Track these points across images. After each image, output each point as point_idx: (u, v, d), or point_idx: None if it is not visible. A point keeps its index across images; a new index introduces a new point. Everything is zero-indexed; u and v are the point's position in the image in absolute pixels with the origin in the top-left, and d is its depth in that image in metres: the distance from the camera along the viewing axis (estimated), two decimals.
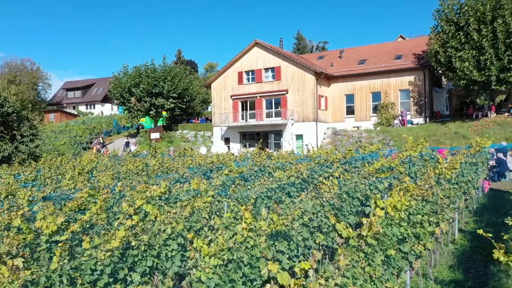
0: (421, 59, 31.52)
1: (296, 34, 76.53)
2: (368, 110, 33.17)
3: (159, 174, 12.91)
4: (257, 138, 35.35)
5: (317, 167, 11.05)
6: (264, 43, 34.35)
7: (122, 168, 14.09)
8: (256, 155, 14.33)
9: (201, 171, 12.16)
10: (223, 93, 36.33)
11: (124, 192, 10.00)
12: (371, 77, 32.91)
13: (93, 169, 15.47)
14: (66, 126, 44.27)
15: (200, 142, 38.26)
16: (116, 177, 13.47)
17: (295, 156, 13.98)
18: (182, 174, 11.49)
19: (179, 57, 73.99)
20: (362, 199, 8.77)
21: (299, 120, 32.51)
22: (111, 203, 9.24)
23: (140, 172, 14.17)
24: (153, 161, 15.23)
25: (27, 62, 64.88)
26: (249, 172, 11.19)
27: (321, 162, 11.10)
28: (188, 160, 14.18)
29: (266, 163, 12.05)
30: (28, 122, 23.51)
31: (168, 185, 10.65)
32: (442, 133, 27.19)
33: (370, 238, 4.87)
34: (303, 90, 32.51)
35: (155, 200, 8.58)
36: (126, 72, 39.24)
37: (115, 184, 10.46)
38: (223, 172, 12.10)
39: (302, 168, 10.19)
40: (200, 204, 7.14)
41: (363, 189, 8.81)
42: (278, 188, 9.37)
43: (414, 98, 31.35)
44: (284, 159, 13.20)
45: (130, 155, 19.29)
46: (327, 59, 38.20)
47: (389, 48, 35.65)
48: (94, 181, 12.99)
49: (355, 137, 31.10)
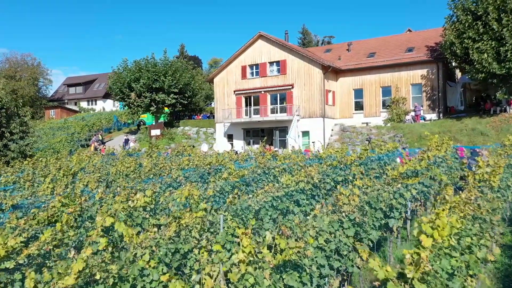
0: (434, 51, 29.88)
1: (301, 29, 74.84)
2: (378, 106, 31.60)
3: (151, 177, 11.54)
4: (262, 135, 33.96)
5: (329, 170, 9.62)
6: (269, 35, 32.83)
7: (112, 169, 12.74)
8: (260, 155, 12.92)
9: (197, 173, 10.77)
10: (226, 88, 34.89)
11: (106, 200, 8.65)
12: (381, 70, 31.31)
13: (81, 170, 14.14)
14: (65, 122, 43.04)
15: (202, 139, 36.90)
16: (104, 180, 12.14)
17: (303, 156, 12.55)
18: (176, 178, 10.12)
19: (182, 52, 72.52)
20: (386, 210, 7.35)
21: (306, 116, 31.03)
22: (88, 214, 7.89)
23: (131, 174, 12.82)
24: (146, 161, 13.86)
25: (27, 57, 63.77)
26: (251, 176, 9.79)
27: (334, 164, 9.66)
28: (184, 161, 12.80)
29: (271, 165, 10.63)
30: (19, 118, 22.22)
31: (157, 191, 9.27)
32: (458, 129, 25.60)
33: (417, 281, 3.45)
34: (309, 85, 31.00)
35: (138, 211, 7.22)
36: (126, 66, 37.88)
37: (101, 188, 9.09)
38: (222, 175, 10.73)
39: (313, 171, 8.77)
40: (189, 220, 5.76)
41: (387, 197, 7.37)
42: (285, 196, 7.96)
43: (426, 92, 29.74)
44: (291, 160, 11.78)
45: (124, 154, 17.93)
46: (334, 52, 36.61)
47: (400, 40, 34.00)
48: (79, 184, 11.64)
49: (364, 134, 29.61)
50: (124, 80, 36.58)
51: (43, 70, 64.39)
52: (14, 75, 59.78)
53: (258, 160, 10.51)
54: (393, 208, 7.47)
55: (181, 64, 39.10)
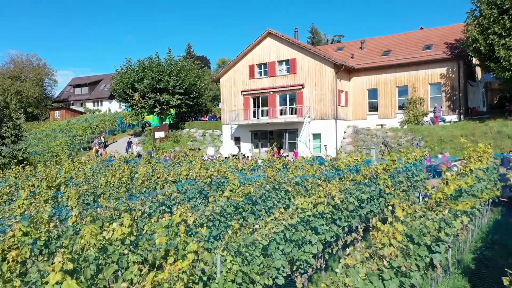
0: (454, 48, 28.03)
1: (311, 28, 73.15)
2: (394, 107, 29.82)
3: (144, 191, 10.02)
4: (270, 138, 32.38)
5: (352, 186, 8.01)
6: (278, 33, 31.22)
7: (102, 180, 11.25)
8: (269, 167, 11.34)
9: (196, 188, 9.23)
10: (233, 88, 33.35)
11: (81, 225, 7.15)
12: (397, 69, 29.54)
13: (70, 179, 12.69)
14: (67, 124, 41.81)
15: (208, 141, 35.41)
16: (92, 193, 10.65)
17: (318, 166, 10.91)
18: (170, 194, 8.58)
19: (189, 52, 71.22)
20: (430, 244, 5.73)
21: (317, 118, 29.36)
22: (54, 246, 6.39)
23: (123, 186, 11.32)
24: (142, 169, 12.35)
25: (33, 57, 62.94)
26: (258, 193, 8.22)
27: (358, 179, 8.04)
28: (183, 171, 11.26)
29: (282, 178, 9.05)
30: (11, 121, 20.89)
31: (144, 212, 7.75)
32: (481, 132, 23.75)
33: None
34: (321, 85, 29.33)
35: (114, 246, 5.69)
36: (130, 66, 36.53)
37: (77, 209, 7.57)
38: (224, 189, 9.18)
39: (333, 190, 7.17)
40: (174, 269, 4.20)
41: (432, 228, 5.75)
42: (301, 222, 6.38)
43: (446, 92, 27.90)
44: (304, 170, 10.17)
45: (119, 161, 16.44)
46: (346, 50, 34.90)
47: (417, 37, 32.16)
48: (62, 199, 10.19)
49: (379, 137, 27.87)
50: (128, 80, 35.23)
51: (49, 70, 63.52)
52: (19, 76, 58.95)
53: (266, 172, 8.91)
54: (439, 240, 5.85)
55: (186, 64, 37.63)
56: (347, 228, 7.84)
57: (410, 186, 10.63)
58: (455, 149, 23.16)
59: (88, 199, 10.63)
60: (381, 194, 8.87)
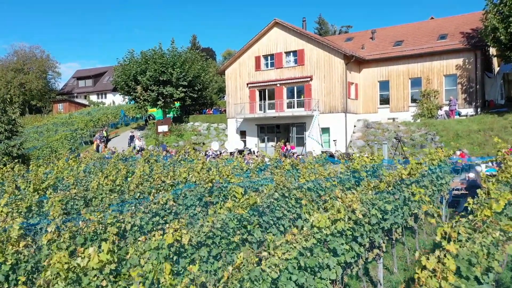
0: (471, 38, 26.60)
1: (318, 18, 71.68)
2: (406, 99, 28.51)
3: (138, 196, 8.99)
4: (277, 131, 31.26)
5: (375, 196, 6.91)
6: (285, 23, 29.92)
7: (93, 183, 10.24)
8: (276, 167, 10.26)
9: (195, 194, 8.18)
10: (239, 80, 32.19)
11: (59, 242, 6.15)
12: (410, 60, 28.18)
13: (61, 181, 11.71)
14: (69, 117, 40.85)
15: (213, 135, 34.36)
16: (82, 198, 9.66)
17: (333, 170, 9.77)
18: (165, 202, 7.54)
19: (194, 43, 70.01)
20: (480, 276, 4.64)
21: (325, 111, 28.16)
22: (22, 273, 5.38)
23: (117, 189, 10.32)
24: (138, 170, 11.33)
25: (36, 49, 61.95)
26: (266, 202, 7.15)
27: (381, 187, 6.94)
28: (182, 172, 10.21)
29: (292, 184, 7.98)
30: (6, 116, 19.94)
31: (135, 227, 6.73)
32: (501, 127, 22.44)
33: None
34: (330, 77, 28.07)
35: (90, 277, 4.66)
36: (132, 58, 35.43)
37: (55, 223, 6.55)
38: (227, 195, 8.15)
39: (354, 202, 6.08)
40: None
41: (481, 255, 4.65)
42: (317, 244, 5.31)
43: (462, 84, 26.53)
44: (319, 174, 9.06)
45: (116, 159, 15.40)
46: (356, 41, 33.53)
47: (431, 26, 30.69)
48: (48, 204, 9.19)
49: (391, 131, 26.64)
50: (130, 72, 34.15)
51: (52, 62, 62.52)
52: (22, 68, 58.06)
53: (275, 177, 7.83)
54: (489, 270, 4.76)
55: (190, 55, 36.44)
56: (368, 244, 6.77)
57: (435, 191, 9.51)
58: (472, 144, 21.92)
59: (78, 203, 9.65)
60: (405, 202, 7.77)
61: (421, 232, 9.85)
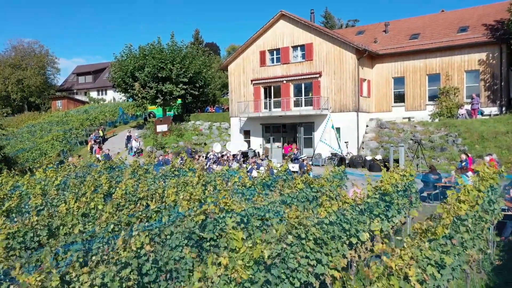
0: (495, 30, 24.42)
1: (324, 12, 69.18)
2: (423, 97, 26.40)
3: (112, 229, 7.07)
4: (283, 131, 29.27)
5: (429, 244, 4.94)
6: (292, 15, 27.82)
7: (61, 207, 8.35)
8: (286, 185, 8.30)
9: (182, 232, 6.26)
10: (242, 77, 30.19)
11: None
12: (427, 55, 26.04)
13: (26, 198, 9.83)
14: (65, 115, 38.97)
15: (215, 135, 32.45)
16: (45, 227, 7.79)
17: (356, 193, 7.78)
18: (140, 247, 5.62)
19: (196, 38, 67.85)
20: None
21: (336, 110, 26.12)
22: None
23: (91, 213, 8.43)
24: (119, 189, 9.42)
25: (35, 44, 60.13)
26: (276, 249, 5.22)
27: (439, 233, 4.96)
28: (171, 194, 8.28)
29: (309, 219, 6.04)
30: None
31: None
32: None
33: None
34: (340, 73, 26.00)
35: None
36: (130, 53, 33.50)
37: None
38: (224, 228, 6.26)
39: (406, 264, 4.13)
40: None
41: None
42: None
43: (485, 81, 24.38)
44: (342, 200, 7.10)
45: (102, 167, 13.49)
46: (368, 34, 31.39)
47: (450, 18, 28.49)
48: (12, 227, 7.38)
49: (406, 131, 24.61)
50: (127, 68, 32.23)
51: (51, 58, 60.71)
52: (20, 64, 56.33)
53: (287, 213, 5.89)
54: None
55: (191, 50, 34.43)
56: None
57: (487, 221, 7.52)
58: (500, 148, 19.85)
59: (41, 234, 7.79)
60: (463, 245, 5.81)
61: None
